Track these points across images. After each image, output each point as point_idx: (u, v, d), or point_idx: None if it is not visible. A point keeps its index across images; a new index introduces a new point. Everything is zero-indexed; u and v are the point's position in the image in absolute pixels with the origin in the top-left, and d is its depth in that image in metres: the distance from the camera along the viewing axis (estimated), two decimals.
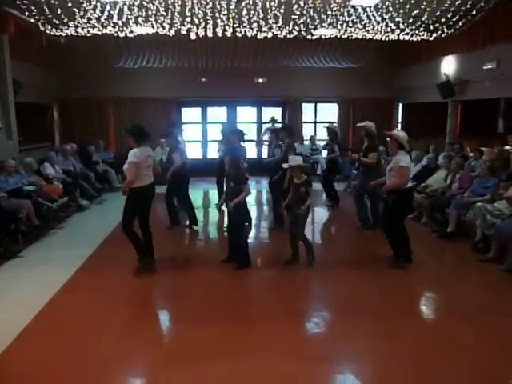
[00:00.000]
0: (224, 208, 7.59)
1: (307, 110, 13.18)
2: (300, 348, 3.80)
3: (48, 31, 7.83)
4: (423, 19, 7.65)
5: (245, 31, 7.96)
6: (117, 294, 4.91)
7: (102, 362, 3.55)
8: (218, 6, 7.30)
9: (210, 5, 7.01)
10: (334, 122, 10.71)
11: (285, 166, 5.63)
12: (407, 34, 8.44)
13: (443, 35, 8.20)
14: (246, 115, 13.33)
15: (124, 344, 3.87)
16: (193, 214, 7.37)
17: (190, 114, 13.18)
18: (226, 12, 7.38)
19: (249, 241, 5.87)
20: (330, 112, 13.49)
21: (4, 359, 3.55)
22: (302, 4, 7.35)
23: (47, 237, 6.90)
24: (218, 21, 7.54)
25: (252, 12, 7.45)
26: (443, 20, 7.74)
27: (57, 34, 8.02)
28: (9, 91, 8.14)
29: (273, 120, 12.10)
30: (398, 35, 8.56)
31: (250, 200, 6.35)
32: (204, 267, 5.64)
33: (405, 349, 3.80)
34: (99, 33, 7.97)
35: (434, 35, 8.33)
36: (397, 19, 7.83)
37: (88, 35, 8.18)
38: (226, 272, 5.42)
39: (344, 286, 5.13)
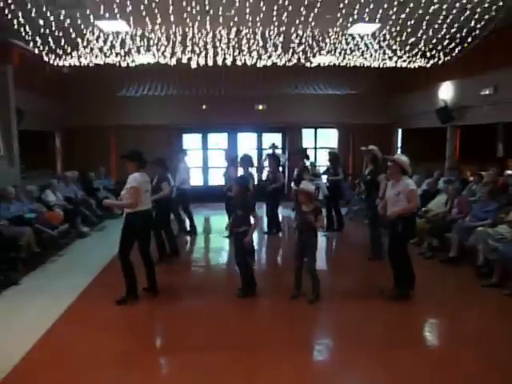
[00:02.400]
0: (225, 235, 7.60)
1: (307, 135, 13.29)
2: (301, 379, 3.72)
3: (51, 61, 7.98)
4: (420, 47, 7.79)
5: (244, 59, 8.10)
6: (116, 323, 4.87)
7: None
8: (219, 36, 7.46)
9: (211, 34, 7.16)
10: (334, 148, 10.78)
11: (293, 186, 5.62)
12: (404, 61, 8.58)
13: (440, 62, 8.32)
14: (246, 141, 13.44)
15: (124, 375, 3.80)
16: (174, 242, 7.22)
17: (191, 140, 13.29)
18: (226, 41, 7.53)
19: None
20: (329, 137, 13.59)
21: None
22: (300, 33, 7.51)
23: (47, 264, 6.85)
24: (218, 50, 7.69)
25: (251, 41, 7.61)
26: (440, 47, 7.87)
27: (60, 64, 8.17)
28: (12, 119, 8.27)
29: (273, 146, 12.17)
30: (396, 62, 8.70)
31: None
32: (205, 296, 5.56)
33: (408, 379, 3.72)
34: (101, 62, 8.12)
35: (431, 62, 8.46)
36: (394, 47, 7.97)
37: (90, 65, 8.32)
38: (227, 300, 5.36)
39: (347, 316, 5.03)
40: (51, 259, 7.09)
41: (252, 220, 5.39)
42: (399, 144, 13.11)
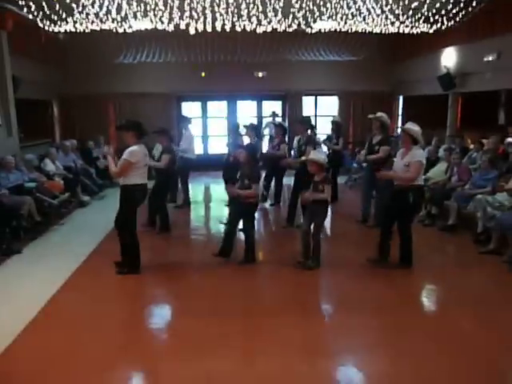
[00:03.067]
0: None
1: (307, 103, 13.16)
2: (303, 343, 3.81)
3: (47, 27, 7.79)
4: (423, 11, 7.60)
5: (244, 25, 7.92)
6: (119, 291, 4.95)
7: (104, 356, 3.58)
8: (217, 0, 7.27)
9: None
10: (336, 116, 10.63)
11: (303, 158, 5.58)
12: (407, 26, 8.38)
13: (443, 27, 8.14)
14: (246, 109, 13.31)
15: (126, 338, 3.91)
16: (166, 220, 6.98)
17: (190, 108, 13.16)
18: (225, 6, 7.35)
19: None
20: (330, 105, 13.46)
21: (7, 356, 3.57)
22: None
23: (49, 233, 6.92)
24: (217, 15, 7.50)
25: (251, 6, 7.42)
26: (443, 12, 7.68)
27: (55, 30, 7.99)
28: (8, 87, 8.15)
29: (273, 114, 12.09)
30: (398, 28, 8.50)
31: None
32: (206, 264, 5.61)
33: (407, 340, 3.82)
34: (98, 28, 7.93)
35: (434, 27, 8.27)
36: (396, 11, 7.78)
37: (87, 31, 8.14)
38: (228, 269, 5.43)
39: (346, 283, 5.11)
40: (52, 228, 7.15)
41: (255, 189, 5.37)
42: (400, 111, 13.00)
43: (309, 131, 7.22)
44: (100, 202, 9.11)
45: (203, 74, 12.16)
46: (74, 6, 6.93)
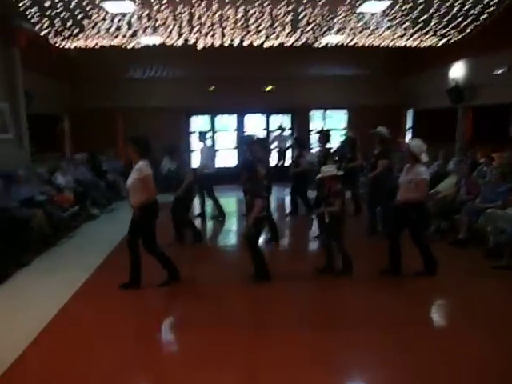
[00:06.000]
0: None
1: (316, 117, 13.19)
2: (315, 357, 3.76)
3: (58, 43, 7.94)
4: (432, 24, 7.61)
5: (251, 40, 7.99)
6: (129, 303, 4.91)
7: (112, 367, 3.57)
8: (225, 16, 7.36)
9: (218, 14, 7.06)
10: (348, 131, 10.57)
11: (320, 176, 5.54)
12: (415, 39, 8.40)
13: (452, 40, 8.14)
14: (254, 123, 13.37)
15: (133, 350, 3.89)
16: (196, 230, 7.11)
17: (199, 122, 13.26)
18: (232, 21, 7.43)
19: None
20: (338, 119, 13.47)
21: (16, 368, 3.56)
22: (308, 12, 7.37)
23: (58, 246, 6.94)
24: (226, 30, 7.59)
25: (259, 21, 7.49)
26: (452, 25, 7.68)
27: (67, 46, 8.13)
28: (21, 102, 8.28)
29: (281, 128, 12.14)
30: (407, 41, 8.52)
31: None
32: (217, 279, 5.59)
33: (417, 356, 3.74)
34: (108, 44, 8.06)
35: (443, 40, 8.27)
36: (405, 25, 7.80)
37: (97, 47, 8.27)
38: (240, 283, 5.39)
39: (357, 296, 5.06)
40: (62, 241, 7.17)
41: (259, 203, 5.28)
42: (409, 125, 12.96)
43: (327, 145, 7.26)
44: (109, 214, 9.14)
45: (211, 89, 12.26)
46: (85, 22, 7.06)
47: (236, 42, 7.91)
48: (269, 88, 12.59)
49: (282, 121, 12.84)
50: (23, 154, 8.35)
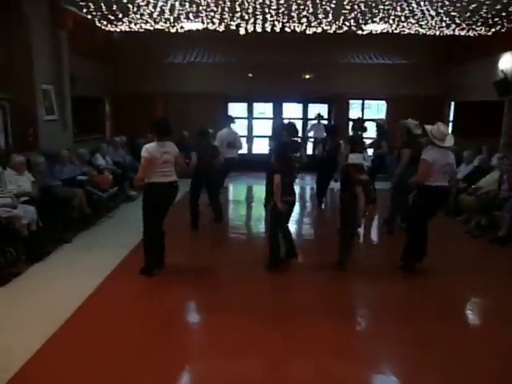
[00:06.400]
0: None
1: (354, 106, 12.99)
2: (335, 348, 3.77)
3: (104, 27, 8.10)
4: (482, 13, 7.30)
5: (294, 26, 7.91)
6: (159, 285, 4.99)
7: (139, 351, 3.66)
8: (268, 2, 7.30)
9: (260, 0, 7.01)
10: (381, 119, 10.37)
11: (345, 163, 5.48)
12: (463, 29, 8.09)
13: (503, 30, 7.79)
14: (292, 111, 13.29)
15: (161, 334, 3.96)
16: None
17: (236, 108, 13.29)
18: (275, 7, 7.37)
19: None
20: (378, 109, 13.21)
21: (56, 339, 3.75)
22: None
23: (97, 225, 7.19)
24: (268, 16, 7.54)
25: (302, 7, 7.40)
26: (503, 14, 7.34)
27: (112, 29, 8.28)
28: (66, 85, 8.52)
29: (319, 116, 12.02)
30: (454, 30, 8.22)
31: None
32: (241, 265, 5.62)
33: (443, 352, 3.69)
34: (151, 28, 8.16)
35: (493, 30, 7.93)
36: (452, 13, 7.53)
37: (140, 30, 8.38)
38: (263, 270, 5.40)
39: (383, 288, 5.01)
40: (101, 220, 7.42)
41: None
42: (451, 117, 12.56)
43: (359, 133, 7.17)
44: None
45: (250, 75, 12.24)
46: (129, 6, 7.16)
47: (277, 28, 7.84)
48: (307, 76, 12.46)
49: (319, 110, 12.69)
50: (67, 135, 8.61)
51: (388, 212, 7.10)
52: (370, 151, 8.82)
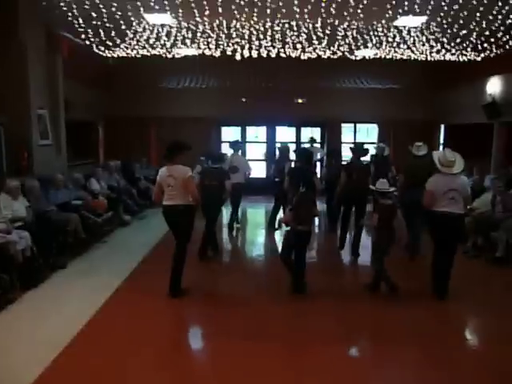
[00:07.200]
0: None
1: (346, 130, 13.16)
2: (341, 374, 3.71)
3: (101, 52, 8.16)
4: (471, 39, 7.51)
5: (289, 52, 8.04)
6: (161, 310, 4.92)
7: (143, 373, 3.59)
8: (262, 28, 7.44)
9: (257, 26, 7.14)
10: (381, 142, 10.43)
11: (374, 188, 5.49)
12: (453, 54, 8.30)
13: (491, 55, 8.00)
14: (284, 135, 13.42)
15: (163, 361, 3.87)
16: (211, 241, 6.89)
17: (229, 133, 13.40)
18: (270, 33, 7.50)
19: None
20: (369, 133, 13.40)
21: (55, 367, 3.63)
22: (346, 25, 7.38)
23: (92, 250, 7.08)
24: (263, 42, 7.66)
25: (296, 33, 7.54)
26: (492, 39, 7.55)
27: (109, 54, 8.35)
28: (60, 109, 8.52)
29: (312, 140, 12.12)
30: (444, 55, 8.42)
31: None
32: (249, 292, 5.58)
33: (451, 376, 3.65)
34: (148, 54, 8.24)
35: (482, 55, 8.14)
36: (442, 39, 7.73)
37: (137, 56, 8.46)
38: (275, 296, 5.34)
39: (388, 314, 4.94)
40: (95, 245, 7.31)
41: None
42: (441, 140, 12.77)
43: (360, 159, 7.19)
44: (140, 221, 9.26)
45: (244, 100, 12.38)
46: (127, 31, 7.24)
47: (273, 54, 7.97)
48: (300, 101, 12.64)
49: (312, 133, 12.83)
50: (61, 160, 8.56)
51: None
52: None
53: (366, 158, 8.30)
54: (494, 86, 9.60)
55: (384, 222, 5.24)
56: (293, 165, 7.67)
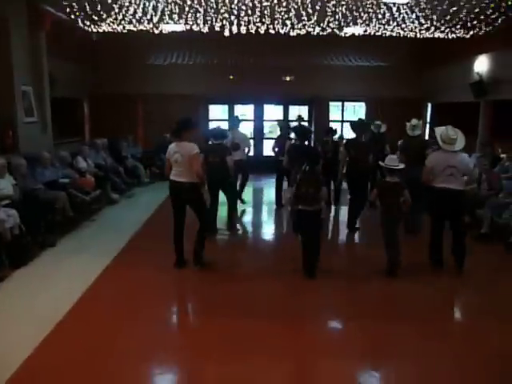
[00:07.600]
0: None
1: (334, 109, 13.14)
2: (339, 347, 3.81)
3: (87, 28, 7.97)
4: (461, 16, 7.49)
5: (278, 28, 7.95)
6: (152, 286, 4.95)
7: (137, 350, 3.62)
8: (251, 4, 7.32)
9: (245, 1, 7.02)
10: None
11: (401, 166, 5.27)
12: (442, 31, 8.28)
13: (480, 32, 8.00)
14: (272, 113, 13.36)
15: (155, 336, 3.91)
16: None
17: (217, 110, 13.29)
18: (259, 9, 7.39)
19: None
20: (356, 111, 13.41)
21: (46, 345, 3.66)
22: (335, 2, 7.30)
23: (81, 228, 7.06)
24: (252, 18, 7.55)
25: (285, 9, 7.44)
26: (482, 17, 7.54)
27: (94, 30, 8.16)
28: (45, 86, 8.33)
29: (300, 118, 12.08)
30: (433, 33, 8.40)
31: None
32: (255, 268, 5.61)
33: (440, 349, 3.76)
34: (134, 29, 8.07)
35: (471, 33, 8.13)
36: (432, 17, 7.70)
37: (122, 31, 8.28)
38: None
39: (382, 289, 5.05)
40: (84, 224, 7.27)
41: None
42: (428, 119, 12.85)
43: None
44: (128, 200, 9.22)
45: (231, 77, 12.25)
46: (114, 6, 7.07)
47: (262, 30, 7.87)
48: (287, 78, 12.55)
49: (300, 111, 12.79)
50: (47, 137, 8.43)
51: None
52: None
53: None
54: (481, 65, 9.63)
55: (390, 199, 5.13)
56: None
